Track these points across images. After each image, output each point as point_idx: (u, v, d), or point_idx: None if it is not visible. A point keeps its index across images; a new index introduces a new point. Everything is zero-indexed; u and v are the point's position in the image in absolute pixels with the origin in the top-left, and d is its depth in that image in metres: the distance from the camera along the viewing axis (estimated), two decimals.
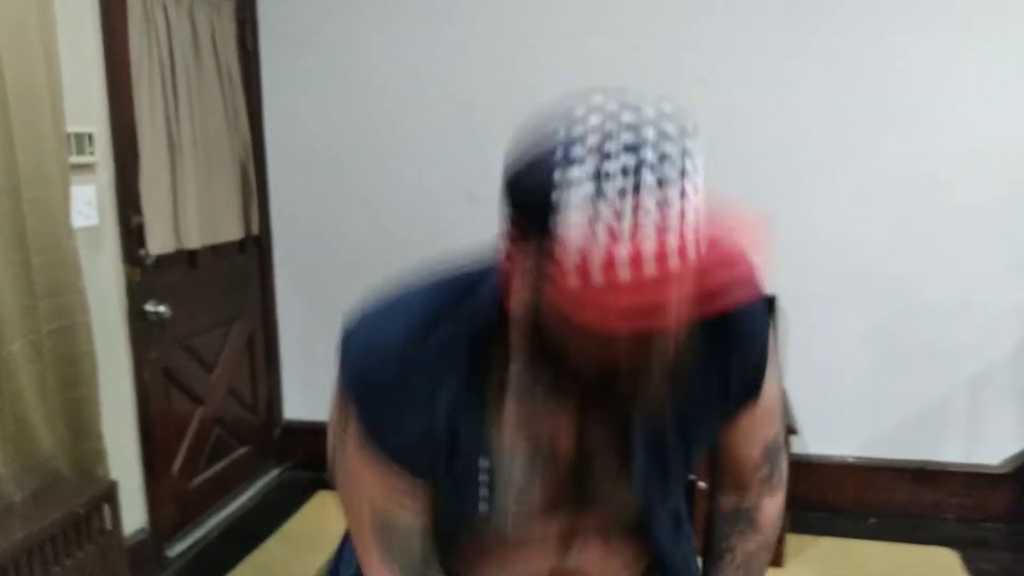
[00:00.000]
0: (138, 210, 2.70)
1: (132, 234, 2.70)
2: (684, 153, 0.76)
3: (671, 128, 0.76)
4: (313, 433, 3.58)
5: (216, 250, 3.16)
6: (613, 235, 0.72)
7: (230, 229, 3.19)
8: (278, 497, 3.48)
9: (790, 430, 2.80)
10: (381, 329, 0.96)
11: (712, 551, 1.22)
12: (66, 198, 2.30)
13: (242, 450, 3.41)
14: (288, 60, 3.40)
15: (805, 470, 3.15)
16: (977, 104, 2.93)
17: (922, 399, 3.12)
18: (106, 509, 2.28)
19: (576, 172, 0.74)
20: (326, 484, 3.49)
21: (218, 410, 3.24)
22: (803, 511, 3.13)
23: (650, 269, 0.73)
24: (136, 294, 2.73)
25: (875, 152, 3.02)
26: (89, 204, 2.52)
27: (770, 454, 1.13)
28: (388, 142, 3.29)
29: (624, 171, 0.73)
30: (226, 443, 3.32)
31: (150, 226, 2.73)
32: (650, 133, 0.75)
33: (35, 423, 2.21)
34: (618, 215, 0.72)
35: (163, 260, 2.84)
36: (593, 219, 0.73)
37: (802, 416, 3.12)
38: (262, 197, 3.43)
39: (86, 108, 2.51)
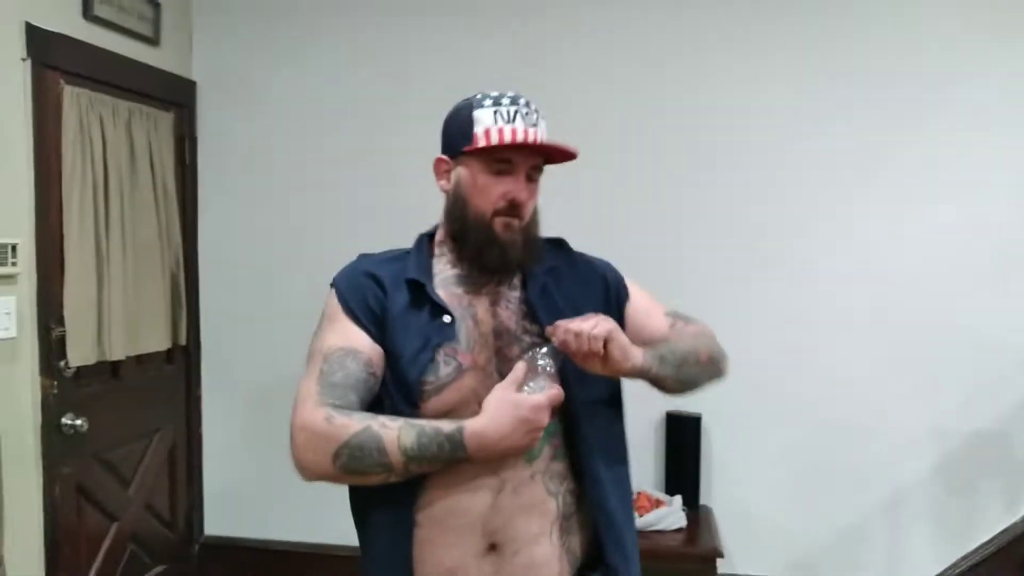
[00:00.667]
0: (60, 321, 2.66)
1: (52, 345, 2.64)
2: (538, 111, 1.40)
3: (528, 101, 1.40)
4: (233, 550, 3.49)
5: (140, 360, 3.11)
6: (504, 120, 1.35)
7: (157, 339, 3.14)
8: None
9: (717, 552, 2.79)
10: (357, 261, 1.50)
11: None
12: None
13: (158, 568, 3.26)
14: (225, 174, 3.44)
15: None
16: (894, 236, 3.08)
17: (843, 519, 3.15)
18: None
19: (484, 104, 1.37)
20: None
21: (133, 526, 3.11)
22: None
23: (520, 134, 1.35)
24: (52, 407, 2.65)
25: (797, 272, 3.14)
26: (8, 315, 2.47)
27: (672, 315, 1.60)
28: (320, 258, 3.30)
29: (511, 101, 1.37)
30: (140, 561, 3.17)
31: (71, 337, 2.68)
32: (521, 96, 1.39)
33: None
34: (506, 117, 1.35)
35: (84, 371, 2.78)
36: (494, 118, 1.35)
37: (729, 536, 3.12)
38: (192, 307, 3.40)
39: (11, 218, 2.50)
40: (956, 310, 3.06)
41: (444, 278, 1.42)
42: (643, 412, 3.21)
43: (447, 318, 1.36)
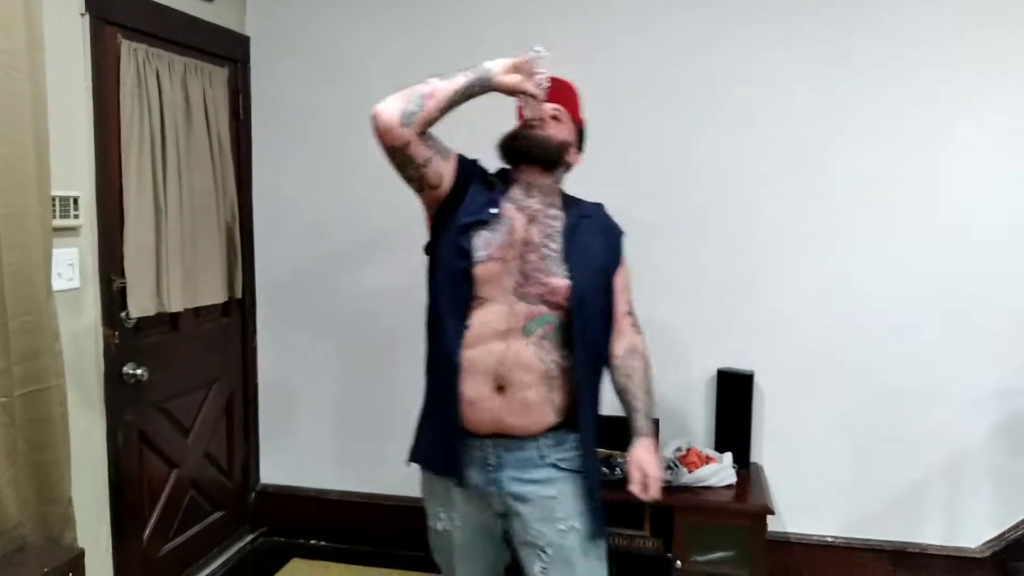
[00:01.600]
0: (120, 273, 2.72)
1: (113, 297, 2.71)
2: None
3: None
4: (288, 499, 3.58)
5: (199, 312, 3.18)
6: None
7: (213, 292, 3.20)
8: (251, 564, 3.43)
9: (767, 509, 2.77)
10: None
11: (620, 383, 2.01)
12: (47, 261, 2.31)
13: (216, 515, 3.37)
14: (278, 129, 3.47)
15: (784, 549, 3.14)
16: (958, 194, 2.99)
17: (901, 480, 3.10)
18: None
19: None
20: (300, 551, 3.47)
21: (193, 473, 3.21)
22: None
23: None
24: (114, 357, 2.73)
25: (858, 237, 3.07)
26: (71, 267, 2.54)
27: (630, 308, 2.08)
28: (372, 211, 3.34)
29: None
30: (200, 507, 3.27)
31: (132, 289, 2.75)
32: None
33: (1, 487, 2.18)
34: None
35: (143, 323, 2.85)
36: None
37: (780, 495, 3.10)
38: (247, 261, 3.45)
39: (73, 172, 2.55)
40: (1021, 271, 2.96)
41: (511, 195, 1.95)
42: (694, 369, 3.20)
43: (494, 210, 1.89)
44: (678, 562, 2.81)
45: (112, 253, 2.70)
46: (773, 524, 3.04)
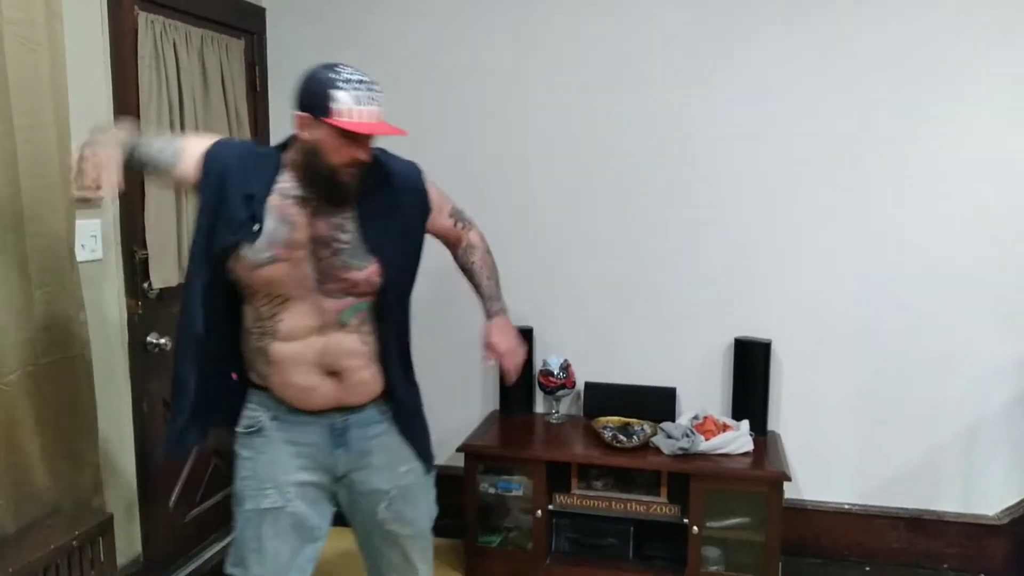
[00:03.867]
0: (143, 244, 2.76)
1: (136, 268, 2.75)
2: (378, 90, 1.77)
3: (371, 81, 1.77)
4: None
5: None
6: (357, 104, 1.71)
7: None
8: None
9: (784, 476, 2.79)
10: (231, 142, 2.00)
11: (468, 278, 2.12)
12: (71, 232, 2.35)
13: None
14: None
15: (800, 516, 3.16)
16: (966, 165, 2.96)
17: (918, 448, 3.11)
18: (100, 542, 2.29)
19: (340, 86, 1.71)
20: None
21: (217, 441, 3.25)
22: (797, 556, 3.13)
23: (366, 115, 1.73)
24: (138, 327, 2.77)
25: (870, 209, 3.05)
26: (94, 238, 2.57)
27: (455, 215, 2.08)
28: None
29: (365, 87, 1.73)
30: (224, 475, 3.32)
31: (154, 260, 2.78)
32: (369, 82, 1.75)
33: (31, 454, 2.24)
34: (359, 101, 1.71)
35: (165, 293, 2.89)
36: (350, 100, 1.71)
37: (797, 463, 3.12)
38: None
39: None
40: None
41: (283, 188, 1.84)
42: (712, 337, 3.21)
43: (256, 227, 1.81)
44: (694, 528, 2.84)
45: (134, 225, 2.73)
46: (790, 491, 3.05)
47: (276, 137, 3.51)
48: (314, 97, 1.74)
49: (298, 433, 1.95)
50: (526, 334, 3.28)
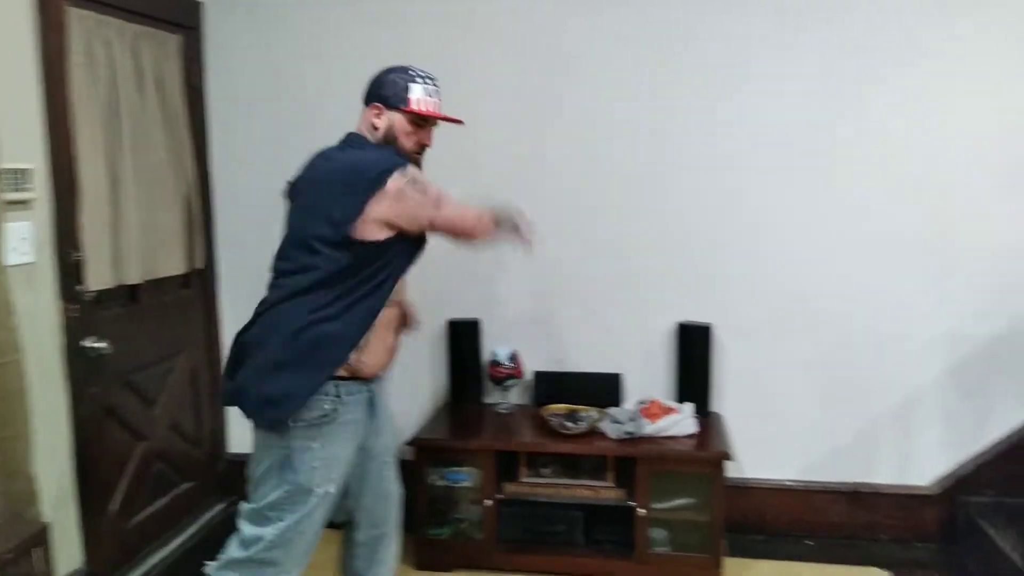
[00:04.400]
0: (77, 246, 2.70)
1: (70, 270, 2.68)
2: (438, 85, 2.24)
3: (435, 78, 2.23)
4: None
5: (158, 284, 3.16)
6: (428, 96, 2.17)
7: (173, 263, 3.19)
8: (222, 533, 3.43)
9: (725, 456, 2.86)
10: (378, 151, 2.20)
11: None
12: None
13: (185, 485, 3.38)
14: (235, 96, 3.44)
15: (744, 494, 3.24)
16: (907, 145, 3.06)
17: (856, 424, 3.21)
18: (37, 553, 2.24)
19: (417, 80, 2.17)
20: None
21: (160, 445, 3.21)
22: (741, 534, 3.21)
23: (432, 105, 2.19)
24: (74, 330, 2.71)
25: (805, 193, 3.14)
26: (25, 240, 2.51)
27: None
28: None
29: (433, 83, 2.20)
30: (168, 479, 3.29)
31: (89, 262, 2.73)
32: (435, 78, 2.22)
33: None
34: (430, 93, 2.18)
35: (103, 296, 2.83)
36: (423, 92, 2.16)
37: (740, 441, 3.19)
38: (208, 231, 3.44)
39: (24, 143, 2.51)
40: (972, 216, 3.05)
41: None
42: (656, 323, 3.27)
43: None
44: (641, 510, 2.89)
45: (68, 226, 2.67)
46: (734, 470, 3.13)
47: (216, 136, 3.47)
48: (389, 90, 2.14)
49: (351, 412, 2.12)
50: (472, 326, 3.30)
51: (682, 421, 2.98)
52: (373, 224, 2.01)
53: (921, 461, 3.20)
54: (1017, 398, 3.10)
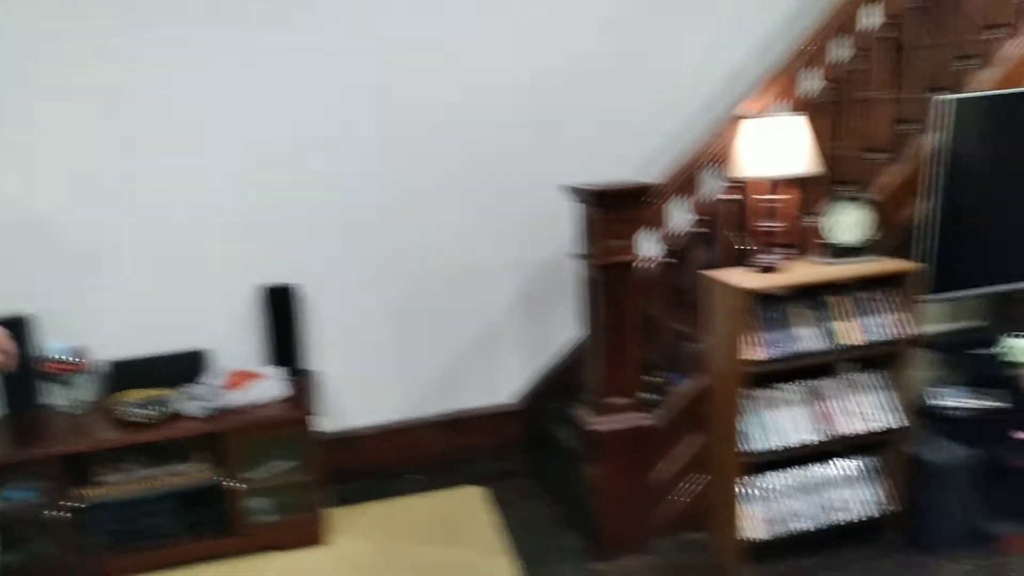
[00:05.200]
0: None
1: None
2: None
3: None
4: None
5: None
6: None
7: None
8: None
9: (308, 412, 2.84)
10: None
11: None
12: None
13: None
14: None
15: (350, 443, 3.32)
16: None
17: (445, 358, 3.41)
18: None
19: None
20: None
21: None
22: (348, 483, 3.27)
23: None
24: None
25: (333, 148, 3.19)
26: None
27: None
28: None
29: None
30: None
31: None
32: None
33: None
34: None
35: None
36: None
37: (344, 394, 3.24)
38: None
39: None
40: (510, 154, 3.33)
41: None
42: (230, 287, 3.15)
43: None
44: (235, 483, 2.80)
45: None
46: (338, 423, 3.17)
47: None
48: None
49: None
50: (15, 324, 2.93)
51: (267, 385, 2.92)
52: None
53: (505, 382, 3.48)
54: (567, 316, 3.48)
